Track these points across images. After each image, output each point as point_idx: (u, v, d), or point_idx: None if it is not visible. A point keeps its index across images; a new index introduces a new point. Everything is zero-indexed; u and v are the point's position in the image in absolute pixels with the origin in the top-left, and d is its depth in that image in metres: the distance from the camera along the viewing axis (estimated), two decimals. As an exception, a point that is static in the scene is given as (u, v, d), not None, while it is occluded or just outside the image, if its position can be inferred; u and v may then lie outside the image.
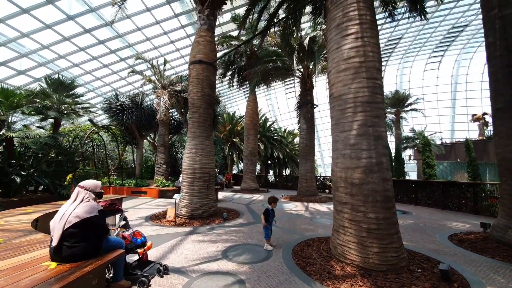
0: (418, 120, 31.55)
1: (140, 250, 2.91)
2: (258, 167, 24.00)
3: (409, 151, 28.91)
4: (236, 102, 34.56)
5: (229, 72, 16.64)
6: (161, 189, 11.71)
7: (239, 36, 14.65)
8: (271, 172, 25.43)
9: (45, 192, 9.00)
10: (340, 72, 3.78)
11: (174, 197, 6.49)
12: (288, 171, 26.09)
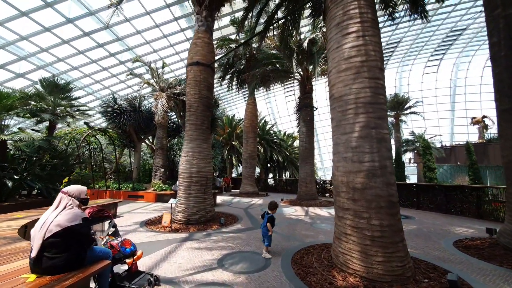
0: (417, 123, 31.57)
1: (129, 260, 2.72)
2: (258, 171, 23.82)
3: (409, 154, 28.79)
4: (235, 105, 34.50)
5: (228, 75, 16.58)
6: (158, 193, 11.49)
7: (238, 40, 14.63)
8: (271, 176, 25.24)
9: (39, 197, 8.77)
10: (340, 72, 3.64)
11: (170, 201, 6.29)
12: (287, 175, 25.88)
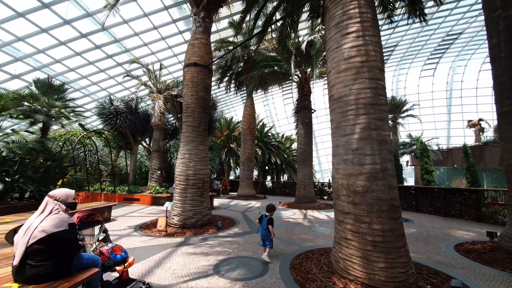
0: (414, 126, 31.76)
1: (119, 267, 2.58)
2: (255, 173, 23.64)
3: (406, 157, 28.86)
4: (233, 107, 34.42)
5: (226, 77, 16.50)
6: (154, 196, 11.29)
7: (236, 42, 14.59)
8: (269, 178, 25.07)
9: (31, 200, 8.54)
10: (340, 73, 3.56)
11: (165, 205, 6.13)
12: (285, 177, 25.77)
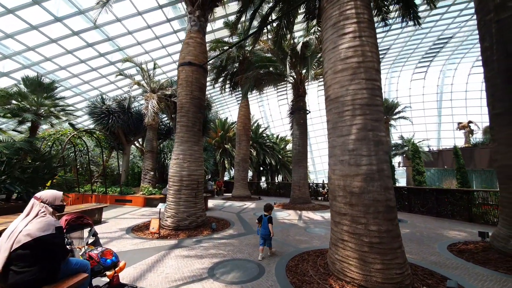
0: (406, 128, 32.32)
1: (109, 272, 2.47)
2: (250, 174, 23.59)
3: (398, 158, 29.32)
4: (228, 108, 34.27)
5: (221, 77, 16.40)
6: (147, 197, 11.08)
7: (232, 43, 14.53)
8: (263, 179, 25.05)
9: (19, 201, 8.25)
10: (337, 73, 3.55)
11: (158, 206, 6.00)
12: (280, 178, 25.79)
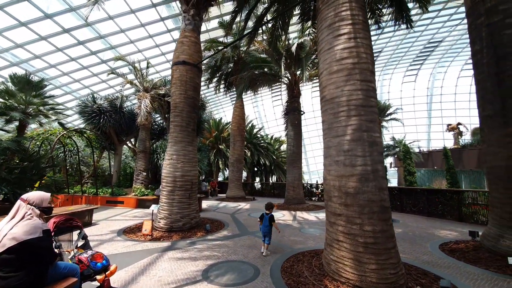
0: (397, 129, 32.89)
1: (100, 276, 2.39)
2: (245, 175, 23.51)
3: (390, 159, 29.82)
4: (222, 108, 34.13)
5: (216, 77, 16.30)
6: (139, 198, 10.87)
7: (226, 43, 14.46)
8: (258, 180, 25.02)
9: (6, 203, 7.97)
10: (332, 74, 3.56)
11: (151, 207, 5.88)
12: (274, 179, 25.81)
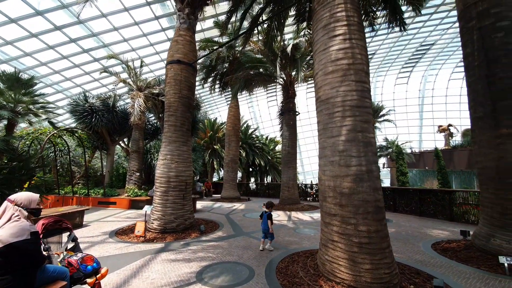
0: (389, 130, 33.43)
1: (90, 280, 2.32)
2: (239, 175, 23.45)
3: (383, 159, 30.26)
4: (217, 108, 33.99)
5: (211, 77, 16.22)
6: (132, 199, 10.70)
7: (222, 43, 14.40)
8: (252, 180, 24.98)
9: (-9, 204, 7.75)
10: (327, 74, 3.58)
11: (144, 208, 5.79)
12: (269, 179, 25.84)
